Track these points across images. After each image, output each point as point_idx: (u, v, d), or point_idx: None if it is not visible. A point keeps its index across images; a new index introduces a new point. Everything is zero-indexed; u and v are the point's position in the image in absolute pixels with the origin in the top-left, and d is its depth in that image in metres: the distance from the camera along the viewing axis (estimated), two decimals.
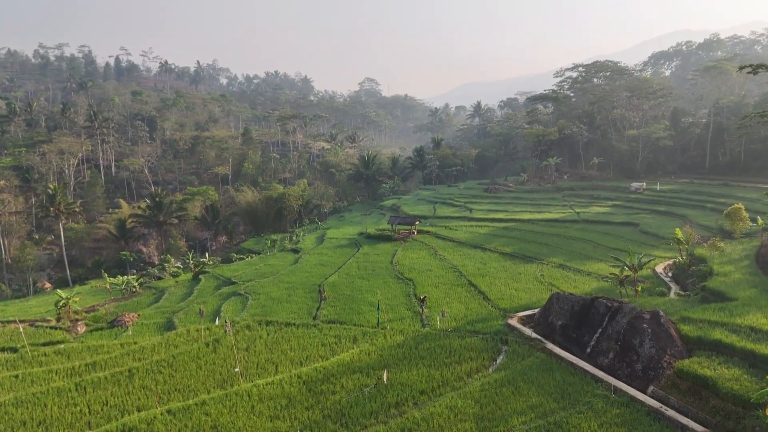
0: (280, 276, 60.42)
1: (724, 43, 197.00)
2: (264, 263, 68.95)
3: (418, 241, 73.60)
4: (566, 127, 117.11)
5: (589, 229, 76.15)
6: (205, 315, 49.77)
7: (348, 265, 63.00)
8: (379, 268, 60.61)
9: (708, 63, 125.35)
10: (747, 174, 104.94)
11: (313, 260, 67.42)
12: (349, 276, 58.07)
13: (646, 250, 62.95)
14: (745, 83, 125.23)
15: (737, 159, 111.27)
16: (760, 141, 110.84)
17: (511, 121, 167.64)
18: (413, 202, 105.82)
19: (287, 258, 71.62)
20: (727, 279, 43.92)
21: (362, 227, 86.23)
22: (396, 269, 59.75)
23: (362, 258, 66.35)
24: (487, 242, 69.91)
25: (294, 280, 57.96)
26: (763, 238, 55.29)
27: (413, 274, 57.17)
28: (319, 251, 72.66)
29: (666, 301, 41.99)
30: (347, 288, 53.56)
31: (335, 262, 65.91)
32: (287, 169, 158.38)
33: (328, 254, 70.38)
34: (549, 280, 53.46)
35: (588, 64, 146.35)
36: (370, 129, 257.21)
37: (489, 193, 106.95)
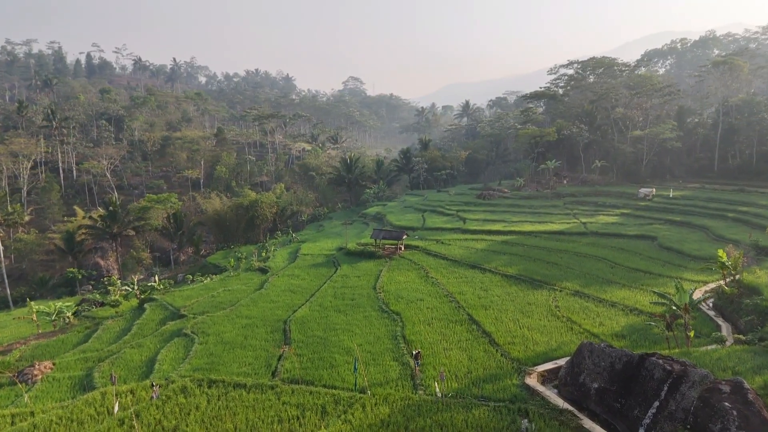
0: (239, 308, 49.82)
1: (720, 41, 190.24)
2: (224, 288, 58.24)
3: (406, 258, 63.48)
4: (565, 127, 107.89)
5: (600, 243, 66.67)
6: (141, 364, 39.31)
7: (322, 292, 52.63)
8: (360, 297, 50.35)
9: (717, 58, 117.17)
10: (760, 178, 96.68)
11: (281, 284, 56.90)
12: (322, 308, 47.70)
13: (673, 272, 53.65)
14: (754, 81, 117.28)
15: (748, 162, 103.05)
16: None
17: (502, 121, 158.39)
18: (399, 210, 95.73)
19: (252, 280, 60.99)
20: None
21: (342, 240, 75.94)
22: (380, 298, 49.53)
23: (340, 282, 56.00)
24: (486, 261, 60.01)
25: (255, 314, 47.42)
26: None
27: (401, 305, 47.01)
28: (290, 272, 62.14)
29: (730, 354, 32.30)
30: (319, 326, 43.22)
31: (308, 287, 55.47)
32: (264, 172, 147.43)
33: (301, 276, 59.90)
34: (566, 313, 43.68)
35: (584, 61, 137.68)
36: (354, 129, 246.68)
37: (482, 200, 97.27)
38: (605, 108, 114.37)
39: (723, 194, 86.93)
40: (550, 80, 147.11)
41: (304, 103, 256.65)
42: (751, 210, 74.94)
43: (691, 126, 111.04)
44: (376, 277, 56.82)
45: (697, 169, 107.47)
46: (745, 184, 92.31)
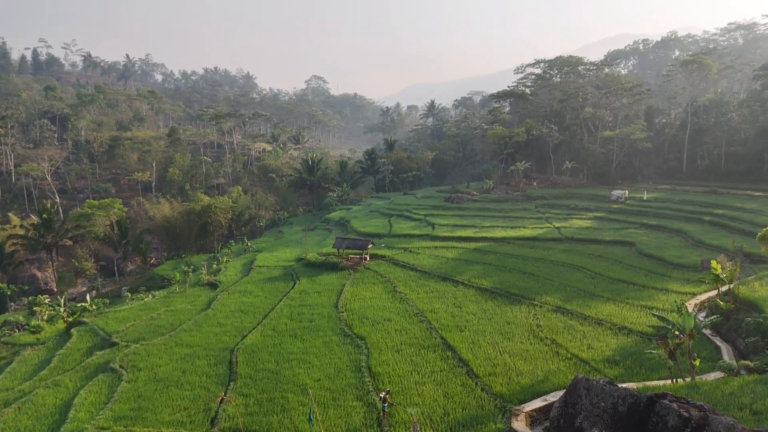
0: (180, 333, 43.47)
1: (681, 42, 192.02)
2: (166, 308, 51.60)
3: (372, 270, 58.11)
4: (534, 127, 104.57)
5: (577, 250, 62.85)
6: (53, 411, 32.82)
7: (278, 312, 46.75)
8: (320, 317, 44.72)
9: (686, 57, 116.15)
10: (729, 179, 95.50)
11: (231, 303, 50.70)
12: (276, 333, 41.87)
13: (658, 282, 50.03)
14: (720, 81, 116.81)
15: (717, 163, 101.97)
16: (740, 143, 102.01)
17: (468, 121, 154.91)
18: (364, 214, 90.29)
19: (200, 298, 54.51)
20: None
21: (302, 249, 70.04)
22: (343, 318, 44.02)
23: (298, 299, 50.21)
24: (459, 272, 55.23)
25: (198, 342, 41.21)
26: None
27: (366, 327, 41.63)
28: (242, 287, 55.94)
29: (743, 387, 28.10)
30: (271, 356, 37.44)
31: (261, 306, 49.46)
32: (221, 174, 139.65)
33: (254, 292, 53.78)
34: (549, 334, 39.18)
35: (551, 60, 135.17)
36: (317, 129, 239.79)
37: (451, 203, 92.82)
38: (574, 108, 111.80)
39: (696, 196, 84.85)
40: (517, 79, 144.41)
41: (265, 102, 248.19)
42: (727, 213, 72.66)
43: (659, 126, 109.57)
44: (338, 292, 51.27)
45: (667, 170, 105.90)
46: (716, 186, 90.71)
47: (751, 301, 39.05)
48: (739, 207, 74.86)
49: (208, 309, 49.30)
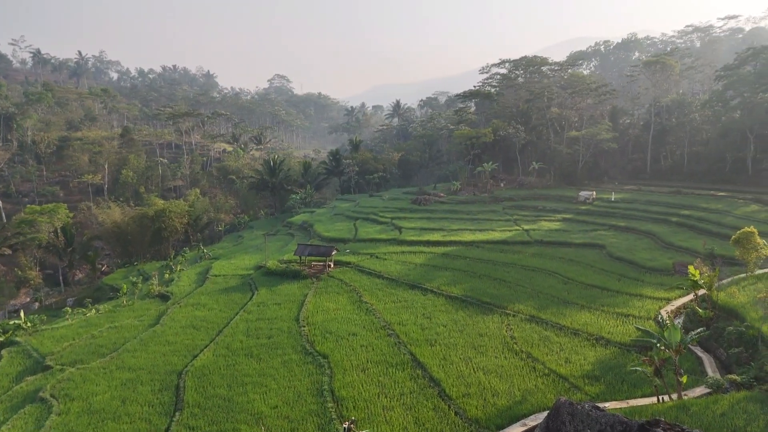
0: (123, 354, 39.40)
1: (641, 43, 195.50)
2: (109, 324, 47.18)
3: (336, 278, 54.94)
4: (501, 127, 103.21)
5: (547, 254, 61.13)
6: None
7: (233, 328, 43.11)
8: (279, 333, 41.33)
9: (649, 58, 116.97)
10: (692, 179, 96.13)
11: (183, 318, 46.72)
12: (230, 352, 38.30)
13: (632, 288, 48.53)
14: (681, 82, 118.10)
15: (680, 163, 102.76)
16: (702, 144, 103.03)
17: (434, 122, 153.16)
18: (329, 218, 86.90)
19: (149, 312, 50.23)
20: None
21: (262, 256, 66.24)
22: (304, 334, 40.75)
23: (256, 312, 46.61)
24: (427, 278, 52.62)
25: (142, 364, 37.29)
26: None
27: (329, 343, 38.50)
28: (196, 299, 51.91)
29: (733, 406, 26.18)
30: (224, 380, 33.92)
31: (215, 320, 45.66)
32: (178, 176, 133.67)
33: (208, 305, 49.86)
34: (524, 347, 36.90)
35: (516, 60, 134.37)
36: (281, 129, 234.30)
37: (418, 205, 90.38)
38: (540, 108, 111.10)
39: (661, 197, 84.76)
40: (482, 80, 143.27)
41: (226, 102, 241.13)
42: (694, 214, 72.44)
43: (623, 127, 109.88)
44: (300, 304, 47.91)
45: (631, 171, 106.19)
46: (679, 186, 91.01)
47: (731, 308, 37.65)
48: (704, 207, 74.82)
49: (157, 325, 45.22)
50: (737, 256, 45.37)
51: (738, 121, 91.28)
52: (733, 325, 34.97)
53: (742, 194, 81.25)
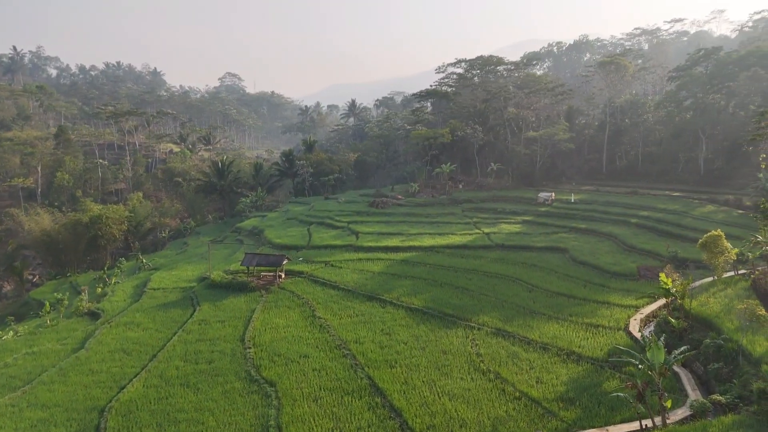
0: (38, 387, 34.19)
1: (592, 45, 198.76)
2: (27, 349, 41.50)
3: (288, 290, 50.80)
4: (459, 128, 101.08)
5: (509, 259, 58.81)
6: None
7: (169, 352, 38.43)
8: (221, 357, 36.98)
9: (603, 58, 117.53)
10: (646, 179, 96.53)
11: (112, 340, 41.59)
12: (164, 382, 33.73)
13: (599, 295, 46.61)
14: (633, 83, 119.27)
15: (634, 163, 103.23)
16: (655, 144, 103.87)
17: (390, 122, 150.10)
18: (281, 222, 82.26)
19: (74, 333, 44.69)
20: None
21: (207, 266, 61.18)
22: (249, 357, 36.57)
23: (196, 332, 41.99)
24: (386, 288, 49.21)
25: (58, 400, 32.27)
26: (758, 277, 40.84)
27: (278, 368, 34.52)
28: (129, 317, 46.68)
29: None
30: (154, 416, 29.47)
31: (149, 342, 40.77)
32: (120, 179, 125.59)
33: (143, 324, 44.80)
34: (492, 365, 34.01)
35: (472, 59, 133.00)
36: (232, 129, 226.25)
37: (376, 208, 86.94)
38: (497, 108, 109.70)
39: (619, 197, 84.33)
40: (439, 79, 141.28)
41: (174, 100, 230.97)
42: (653, 215, 71.90)
43: (579, 127, 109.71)
44: (246, 321, 43.58)
45: (588, 171, 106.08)
46: (636, 186, 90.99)
47: (705, 318, 35.87)
48: (662, 208, 74.49)
49: (81, 349, 39.96)
50: (704, 260, 43.97)
51: (690, 122, 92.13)
52: (710, 336, 33.08)
53: (696, 194, 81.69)
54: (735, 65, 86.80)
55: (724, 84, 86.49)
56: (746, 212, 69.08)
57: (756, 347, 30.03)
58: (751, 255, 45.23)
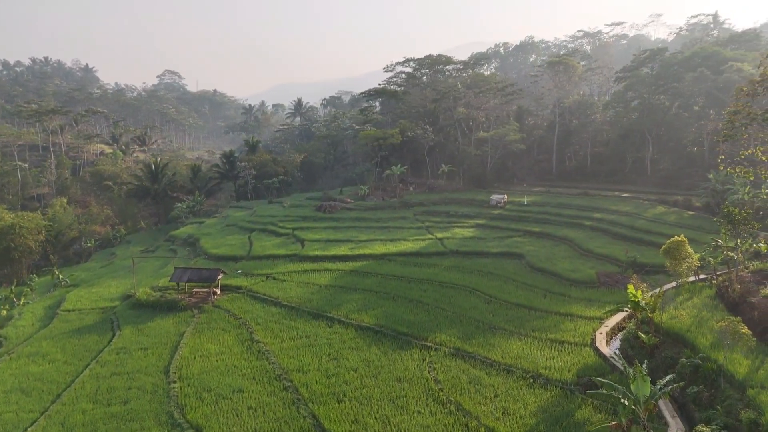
0: None
1: (538, 46, 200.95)
2: None
3: (223, 309, 45.56)
4: (409, 128, 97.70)
5: (464, 267, 55.62)
6: None
7: (77, 390, 32.67)
8: (139, 395, 31.60)
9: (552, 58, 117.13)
10: (596, 180, 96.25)
11: (10, 376, 35.28)
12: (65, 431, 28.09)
13: (560, 306, 43.93)
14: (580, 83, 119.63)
15: (583, 164, 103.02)
16: (603, 144, 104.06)
17: (338, 121, 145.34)
18: (220, 230, 76.19)
19: None
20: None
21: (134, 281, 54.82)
22: (173, 394, 31.35)
23: (112, 363, 36.27)
24: (334, 304, 44.83)
25: None
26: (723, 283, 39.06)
27: (206, 408, 29.54)
28: (35, 346, 40.25)
29: None
30: None
31: (55, 378, 34.77)
32: (43, 183, 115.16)
33: (50, 355, 38.55)
34: (452, 394, 30.34)
35: (420, 59, 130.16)
36: (171, 129, 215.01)
37: (323, 213, 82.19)
38: (447, 108, 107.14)
39: (570, 199, 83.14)
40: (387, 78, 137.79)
41: (107, 99, 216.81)
42: (606, 217, 70.67)
43: (529, 127, 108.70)
44: (173, 347, 38.18)
45: (538, 172, 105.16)
46: (586, 187, 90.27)
47: (676, 333, 33.45)
48: (614, 210, 73.50)
49: None
50: (667, 267, 41.97)
51: (637, 122, 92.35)
52: (685, 354, 30.55)
53: (645, 195, 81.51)
54: (680, 66, 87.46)
55: (670, 85, 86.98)
56: (697, 213, 68.99)
57: (737, 367, 27.60)
58: (713, 261, 43.66)
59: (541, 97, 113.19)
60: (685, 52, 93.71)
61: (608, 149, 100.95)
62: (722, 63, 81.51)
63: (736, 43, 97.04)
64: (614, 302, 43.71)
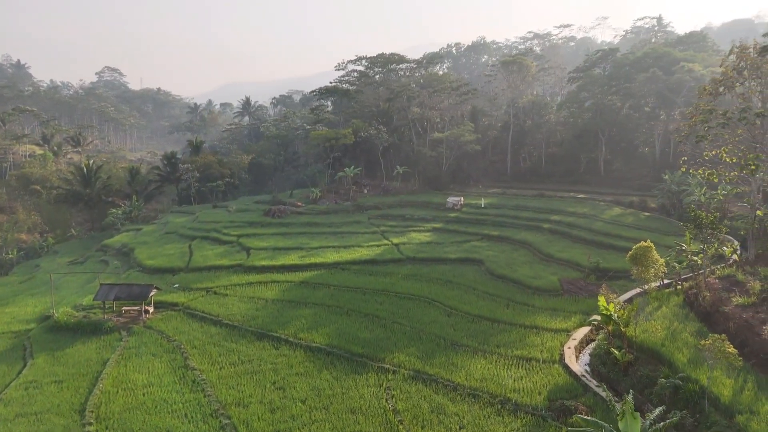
0: None
1: (489, 47, 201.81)
2: None
3: (156, 330, 40.65)
4: (362, 128, 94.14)
5: (422, 275, 52.57)
6: None
7: None
8: None
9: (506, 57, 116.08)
10: (550, 181, 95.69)
11: None
12: None
13: (525, 317, 41.37)
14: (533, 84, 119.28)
15: (538, 164, 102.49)
16: (557, 144, 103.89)
17: (288, 121, 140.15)
18: (157, 238, 70.35)
19: None
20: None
21: (56, 297, 48.84)
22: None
23: (17, 402, 30.97)
24: (281, 322, 40.74)
25: None
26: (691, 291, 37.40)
27: None
28: None
29: None
30: None
31: None
32: None
33: None
34: (414, 427, 27.01)
35: (373, 57, 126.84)
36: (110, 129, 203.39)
37: (272, 218, 77.55)
38: (401, 108, 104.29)
39: (527, 200, 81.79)
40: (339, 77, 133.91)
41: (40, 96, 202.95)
42: (564, 219, 69.35)
43: (484, 128, 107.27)
44: (93, 379, 33.19)
45: (493, 173, 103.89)
46: (541, 188, 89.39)
47: (650, 348, 31.23)
48: (572, 212, 72.38)
49: None
50: (634, 274, 40.05)
51: (590, 123, 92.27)
52: (662, 373, 28.23)
53: (600, 196, 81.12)
54: (632, 66, 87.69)
55: (623, 85, 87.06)
56: (653, 214, 68.64)
57: (722, 389, 25.40)
58: (677, 266, 42.15)
59: (495, 97, 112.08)
60: (637, 52, 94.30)
61: (562, 150, 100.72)
62: (673, 64, 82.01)
63: (684, 45, 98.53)
64: (580, 312, 41.88)
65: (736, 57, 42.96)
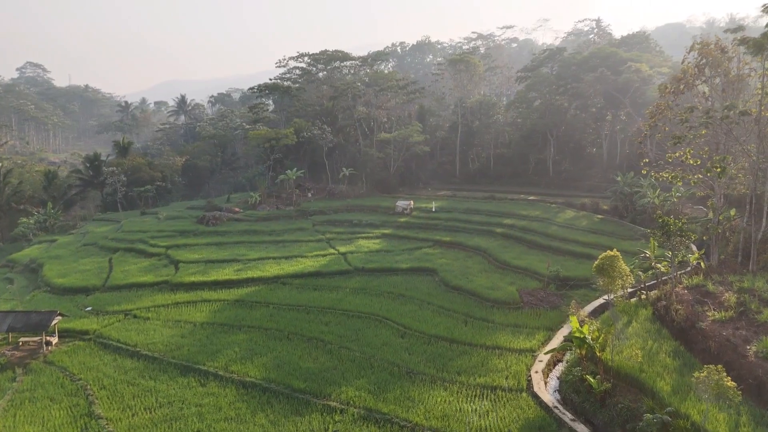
0: None
1: (434, 46, 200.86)
2: None
3: (58, 366, 34.28)
4: (305, 128, 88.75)
5: (372, 288, 48.19)
6: None
7: None
8: None
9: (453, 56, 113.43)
10: (499, 182, 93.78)
11: None
12: None
13: (485, 336, 37.74)
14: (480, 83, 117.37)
15: (486, 166, 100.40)
16: (505, 145, 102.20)
17: (227, 120, 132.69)
18: (73, 251, 62.52)
19: None
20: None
21: None
22: None
23: None
24: (211, 351, 35.28)
25: None
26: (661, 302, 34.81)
27: None
28: None
29: None
30: None
31: None
32: None
33: None
34: None
35: (316, 54, 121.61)
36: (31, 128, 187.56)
37: (206, 226, 71.04)
38: (346, 107, 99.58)
39: (478, 203, 79.10)
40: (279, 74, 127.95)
41: None
42: (517, 223, 66.77)
43: (432, 128, 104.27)
44: None
45: (442, 174, 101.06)
46: (491, 190, 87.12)
47: (628, 374, 28.04)
48: (524, 215, 69.99)
49: None
50: (600, 286, 37.21)
51: (538, 123, 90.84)
52: (645, 404, 25.01)
53: (551, 197, 79.52)
54: (579, 66, 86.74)
55: (571, 85, 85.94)
56: (606, 217, 67.15)
57: (716, 425, 22.30)
58: (642, 275, 39.72)
59: (442, 96, 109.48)
60: (584, 52, 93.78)
61: (510, 150, 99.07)
62: (620, 64, 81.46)
63: (627, 46, 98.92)
64: (543, 327, 38.73)
65: (698, 53, 41.26)
